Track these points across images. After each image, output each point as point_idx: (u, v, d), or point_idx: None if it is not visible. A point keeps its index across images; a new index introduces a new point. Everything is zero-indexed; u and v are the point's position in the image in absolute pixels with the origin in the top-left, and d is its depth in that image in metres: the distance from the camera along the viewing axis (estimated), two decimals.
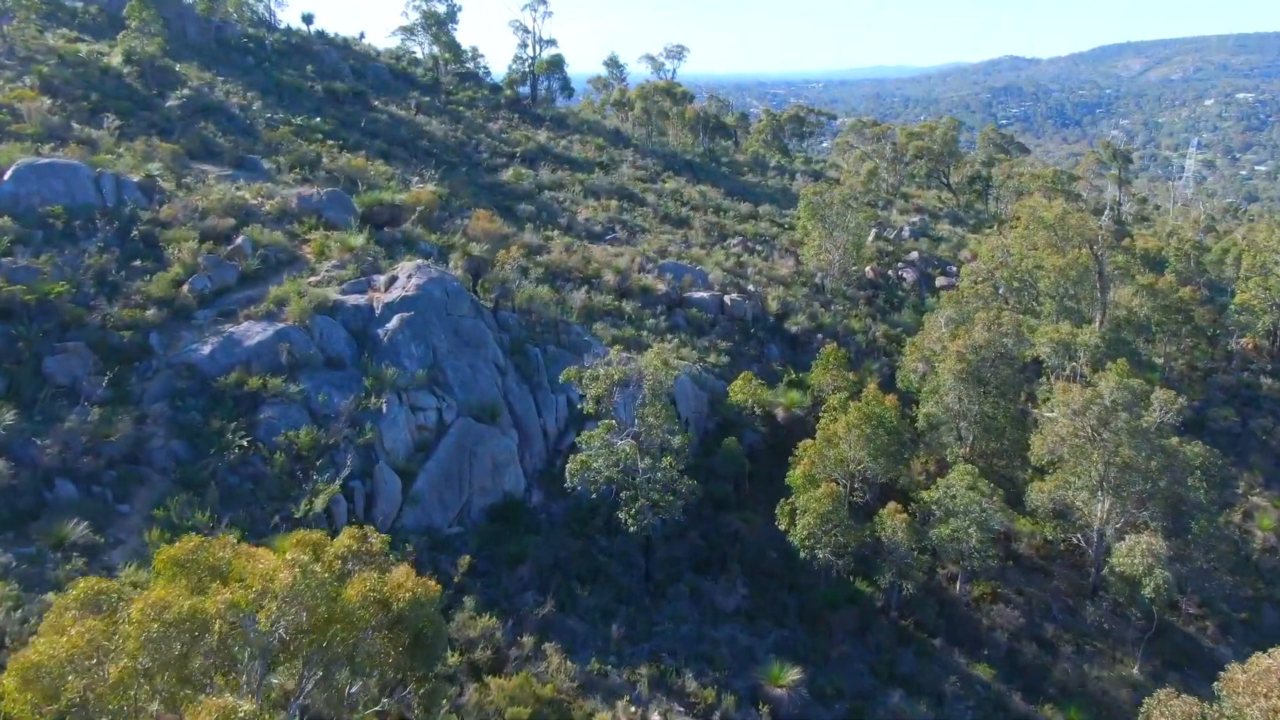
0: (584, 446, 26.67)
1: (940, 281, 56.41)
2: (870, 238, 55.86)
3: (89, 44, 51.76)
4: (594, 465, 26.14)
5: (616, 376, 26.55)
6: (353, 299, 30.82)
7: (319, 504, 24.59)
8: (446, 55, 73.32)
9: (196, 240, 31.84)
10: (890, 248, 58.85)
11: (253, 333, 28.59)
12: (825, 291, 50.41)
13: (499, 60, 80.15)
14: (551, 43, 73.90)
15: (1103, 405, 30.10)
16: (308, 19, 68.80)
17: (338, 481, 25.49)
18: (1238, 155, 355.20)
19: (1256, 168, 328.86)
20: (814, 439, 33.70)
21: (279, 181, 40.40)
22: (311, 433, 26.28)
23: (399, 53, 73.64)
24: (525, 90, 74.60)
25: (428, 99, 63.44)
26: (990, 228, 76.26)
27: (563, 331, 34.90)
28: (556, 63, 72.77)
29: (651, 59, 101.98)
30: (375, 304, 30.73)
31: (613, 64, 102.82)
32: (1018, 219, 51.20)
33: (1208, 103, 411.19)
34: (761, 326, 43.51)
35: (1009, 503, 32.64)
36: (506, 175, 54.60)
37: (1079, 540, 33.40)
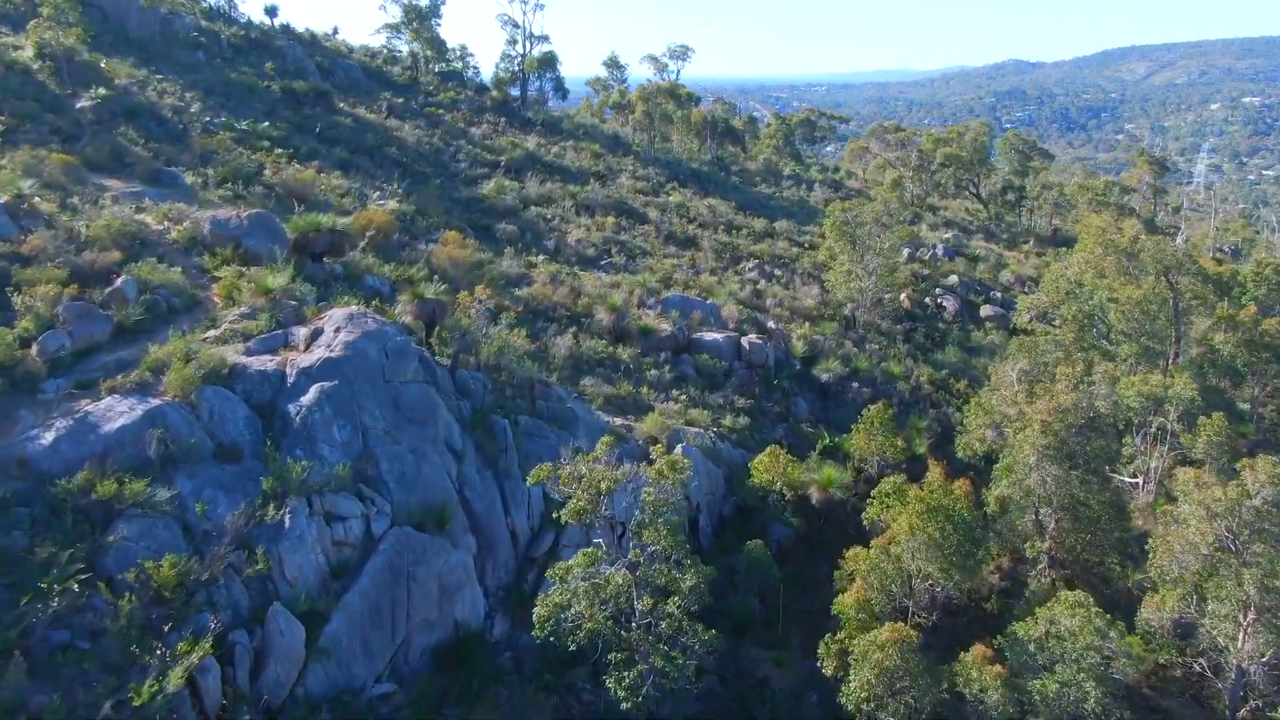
0: (557, 581, 18.97)
1: (985, 311, 48.64)
2: (902, 259, 48.08)
3: (4, 36, 44.15)
4: (572, 610, 18.46)
5: (604, 484, 18.85)
6: (260, 362, 23.11)
7: (173, 681, 16.86)
8: (428, 53, 65.61)
9: (63, 281, 24.17)
10: (926, 271, 51.09)
11: (115, 412, 20.78)
12: (857, 325, 42.68)
13: (491, 60, 72.60)
14: (544, 39, 66.29)
15: (1252, 508, 22.40)
16: (271, 11, 61.17)
17: (209, 638, 17.78)
18: (1245, 160, 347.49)
19: (1264, 172, 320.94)
20: (861, 537, 26.17)
21: (202, 200, 32.72)
22: (181, 561, 18.49)
23: (374, 50, 65.98)
24: (515, 92, 66.87)
25: (401, 100, 55.73)
26: (1025, 242, 68.68)
27: (541, 395, 27.17)
28: (549, 61, 65.11)
29: (654, 59, 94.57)
30: (289, 369, 23.04)
31: (613, 64, 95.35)
32: (1081, 239, 43.46)
33: (1213, 107, 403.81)
34: (786, 374, 35.76)
35: (1103, 605, 24.96)
36: (486, 188, 46.91)
37: (1203, 668, 25.68)
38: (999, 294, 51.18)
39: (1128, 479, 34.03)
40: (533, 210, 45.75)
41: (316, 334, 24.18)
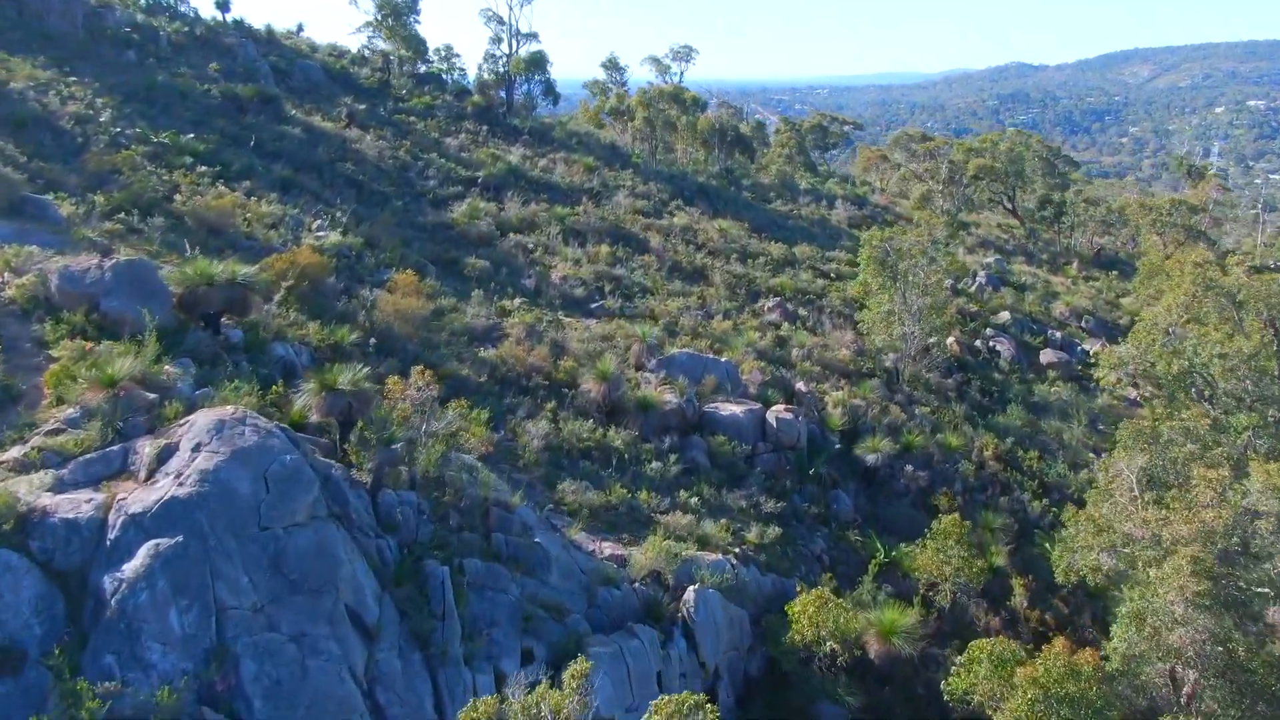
0: None
1: (1046, 356, 40.86)
2: (948, 294, 40.25)
3: None
4: None
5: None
6: (74, 502, 15.38)
7: None
8: (403, 52, 57.85)
9: None
10: (973, 306, 43.28)
11: None
12: (901, 380, 34.90)
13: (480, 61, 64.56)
14: (532, 37, 58.48)
15: None
16: (223, 5, 53.38)
17: None
18: (1251, 163, 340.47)
19: (1271, 176, 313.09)
20: (936, 704, 18.56)
21: (76, 237, 25.00)
22: None
23: (342, 49, 58.20)
24: (503, 95, 59.04)
25: (364, 107, 47.91)
26: (1068, 264, 60.90)
27: (499, 524, 19.35)
28: (537, 61, 57.29)
29: (656, 60, 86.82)
30: (115, 515, 15.32)
31: (612, 66, 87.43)
32: (1174, 280, 35.64)
33: (1218, 110, 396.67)
34: (823, 457, 27.95)
35: None
36: (457, 212, 39.13)
37: None
38: (1057, 333, 43.37)
39: None
40: (512, 239, 37.96)
41: (167, 453, 16.42)
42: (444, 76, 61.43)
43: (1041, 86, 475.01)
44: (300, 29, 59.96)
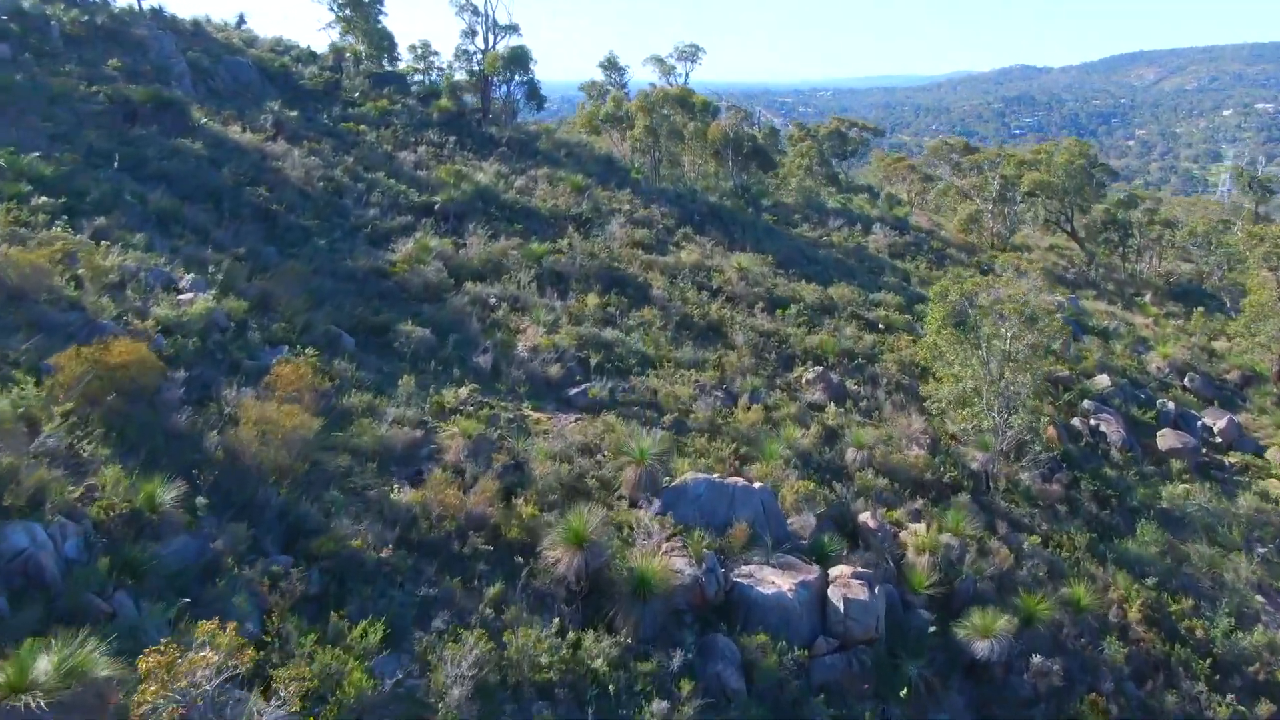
0: None
1: (1165, 440, 31.14)
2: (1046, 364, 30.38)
3: None
4: None
5: None
6: None
7: None
8: (359, 48, 48.23)
9: None
10: (1063, 369, 33.49)
11: None
12: (993, 488, 25.24)
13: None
14: (512, 29, 48.67)
15: None
16: None
17: None
18: (1260, 167, 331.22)
19: None
20: None
21: None
22: None
23: (287, 44, 48.50)
24: (476, 100, 49.29)
25: (295, 114, 38.09)
26: (1139, 295, 51.22)
27: None
28: (518, 58, 47.46)
29: (659, 61, 77.15)
30: None
31: (610, 66, 77.86)
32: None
33: (1225, 113, 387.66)
34: (907, 643, 18.27)
35: None
36: (400, 253, 29.44)
37: None
38: (1169, 404, 33.61)
39: None
40: (469, 290, 28.20)
41: None
42: (416, 78, 51.66)
43: (1047, 89, 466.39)
44: (241, 21, 50.28)
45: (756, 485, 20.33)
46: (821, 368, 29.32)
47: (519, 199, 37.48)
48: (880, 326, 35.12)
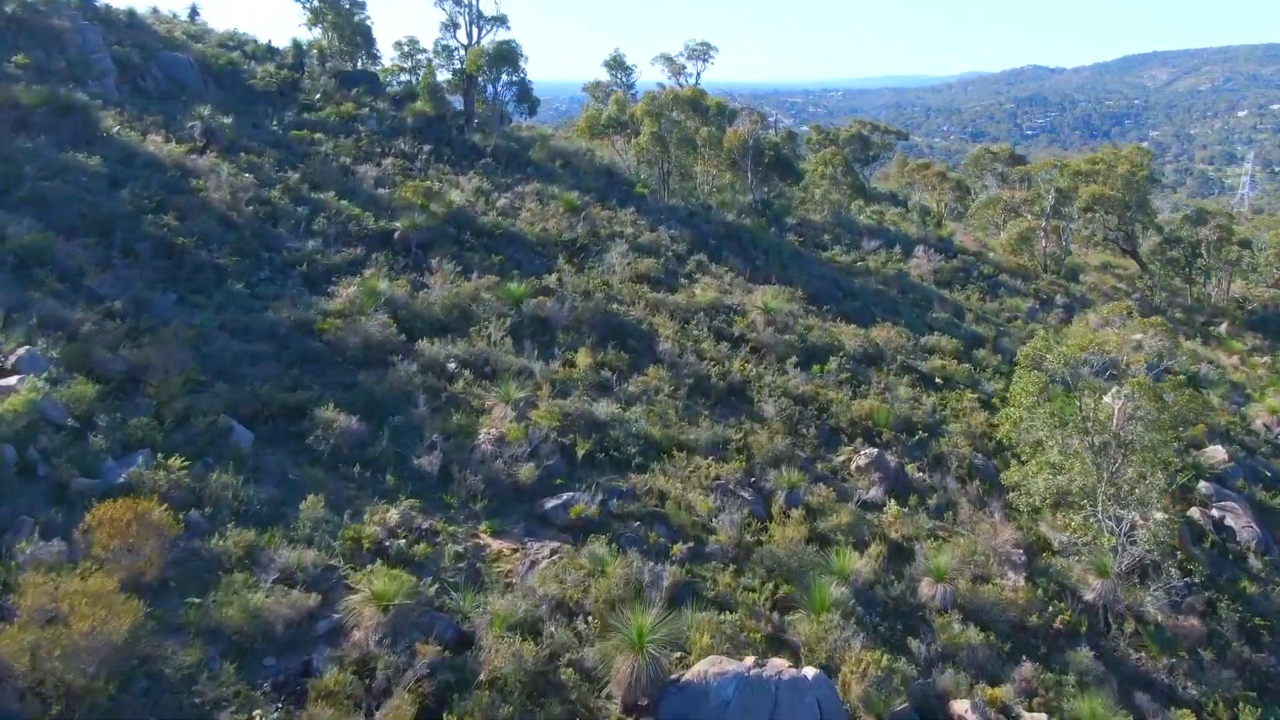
0: None
1: None
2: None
3: None
4: None
5: None
6: None
7: None
8: (324, 44, 41.73)
9: None
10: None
11: None
12: (1116, 631, 18.58)
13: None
14: (499, 21, 42.05)
15: None
16: None
17: None
18: (1277, 169, 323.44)
19: None
20: None
21: None
22: None
23: (242, 38, 41.96)
24: (460, 103, 42.65)
25: (229, 120, 31.46)
26: (1213, 325, 44.45)
27: None
28: (506, 55, 40.77)
29: (669, 60, 70.55)
30: None
31: (616, 65, 71.25)
32: None
33: (1240, 114, 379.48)
34: None
35: None
36: (338, 300, 22.85)
37: None
38: None
39: None
40: (422, 353, 21.57)
41: None
42: (403, 78, 44.93)
43: (1059, 90, 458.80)
44: (194, 13, 43.73)
45: (808, 673, 13.71)
46: (875, 449, 22.62)
47: (500, 223, 30.87)
48: (938, 381, 28.44)
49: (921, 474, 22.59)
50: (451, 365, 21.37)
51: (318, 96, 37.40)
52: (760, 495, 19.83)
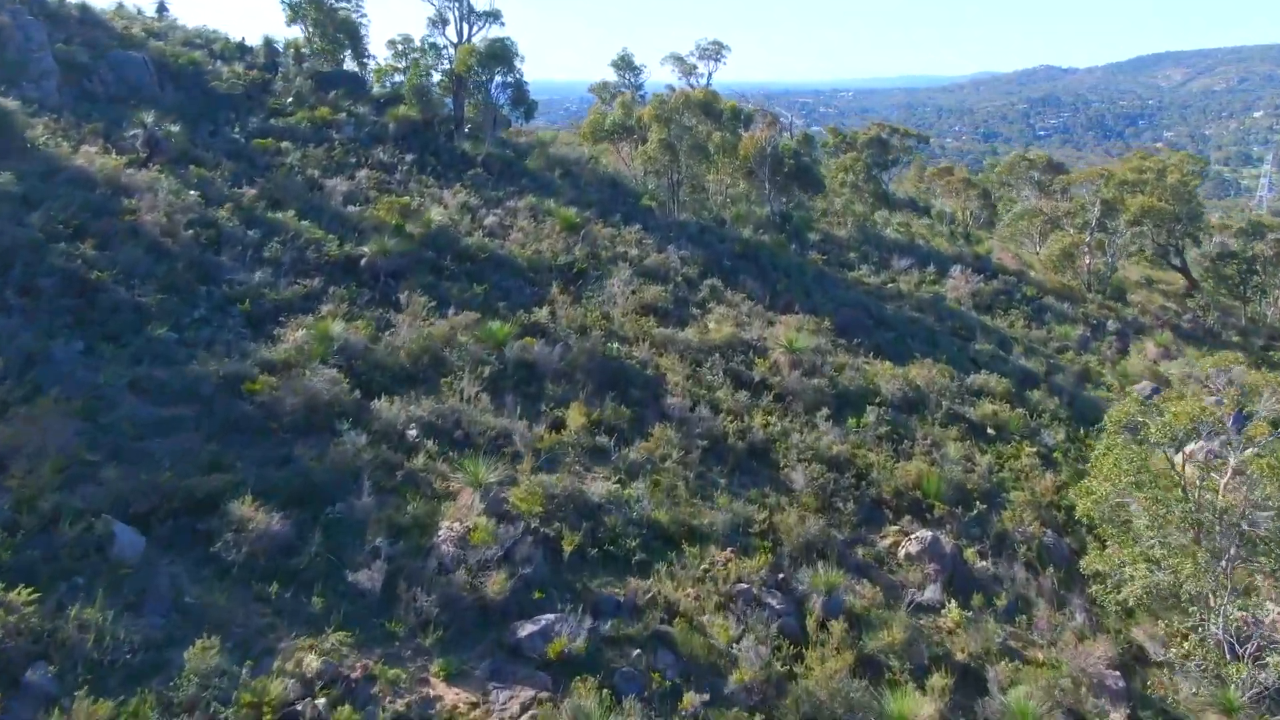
0: None
1: None
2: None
3: None
4: None
5: None
6: None
7: None
8: (301, 42, 37.84)
9: None
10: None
11: None
12: None
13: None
14: (493, 17, 38.04)
15: None
16: None
17: None
18: None
19: None
20: None
21: None
22: None
23: (210, 35, 38.06)
24: (450, 107, 38.62)
25: (177, 129, 27.55)
26: (1270, 348, 40.13)
27: None
28: (499, 54, 36.73)
29: (679, 60, 66.71)
30: None
31: (624, 65, 67.55)
32: None
33: (1256, 115, 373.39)
34: None
35: None
36: (282, 348, 18.85)
37: None
38: None
39: None
40: (379, 416, 17.55)
41: None
42: (397, 79, 40.88)
43: (1072, 90, 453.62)
44: (162, 8, 39.86)
45: None
46: (927, 532, 18.56)
47: (486, 244, 26.90)
48: (990, 431, 24.35)
49: (983, 561, 18.52)
50: (412, 432, 17.40)
51: (289, 100, 33.47)
52: (791, 601, 15.80)
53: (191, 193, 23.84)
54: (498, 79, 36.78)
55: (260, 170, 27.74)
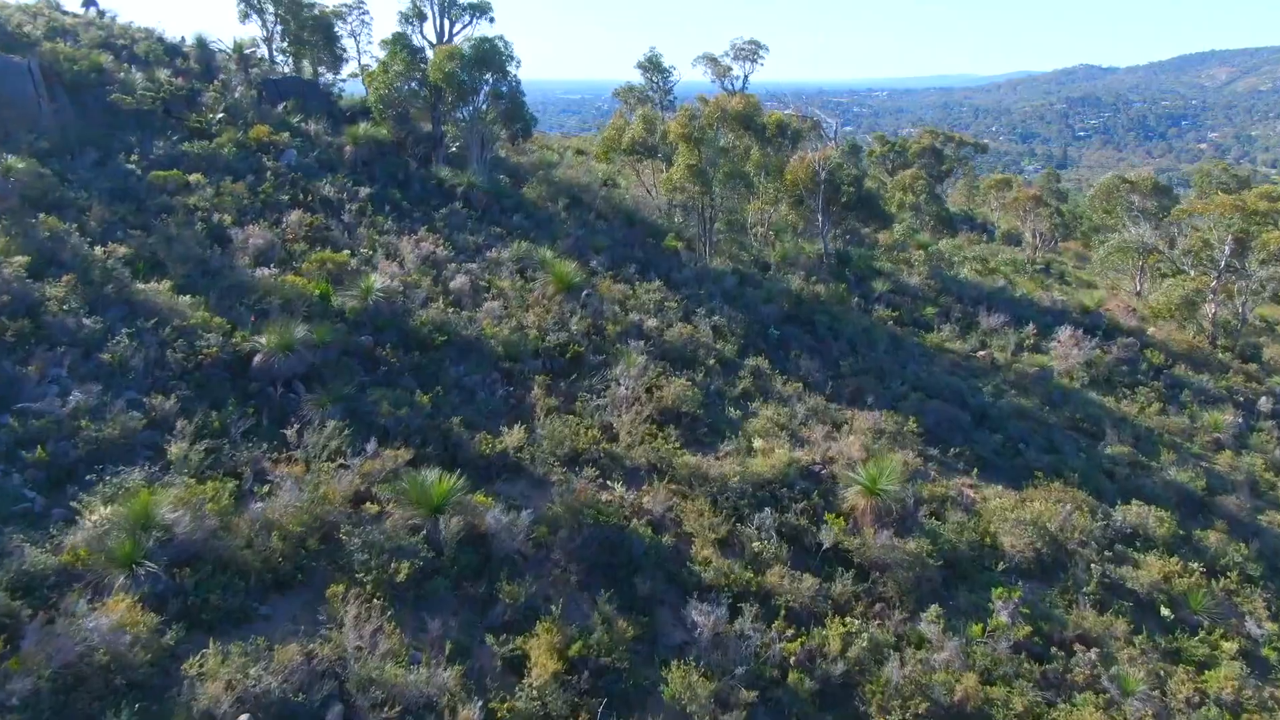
0: None
1: None
2: None
3: None
4: None
5: None
6: None
7: None
8: (250, 41, 30.49)
9: None
10: None
11: None
12: None
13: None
14: (479, 11, 30.09)
15: None
16: None
17: None
18: None
19: None
20: None
21: None
22: None
23: (130, 33, 30.78)
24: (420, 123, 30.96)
25: (23, 165, 20.24)
26: None
27: None
28: (486, 58, 28.37)
29: (713, 61, 58.64)
30: None
31: (652, 67, 59.81)
32: None
33: None
34: None
35: None
36: (61, 555, 11.34)
37: None
38: None
39: None
40: (192, 697, 10.04)
41: None
42: (326, 85, 33.52)
43: (1112, 89, 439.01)
44: (92, 5, 32.61)
45: None
46: None
47: (447, 322, 19.20)
48: (1164, 613, 16.26)
49: None
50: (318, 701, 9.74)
51: (217, 117, 25.95)
52: None
53: (15, 259, 16.36)
54: (485, 88, 29.04)
55: (150, 215, 20.28)
